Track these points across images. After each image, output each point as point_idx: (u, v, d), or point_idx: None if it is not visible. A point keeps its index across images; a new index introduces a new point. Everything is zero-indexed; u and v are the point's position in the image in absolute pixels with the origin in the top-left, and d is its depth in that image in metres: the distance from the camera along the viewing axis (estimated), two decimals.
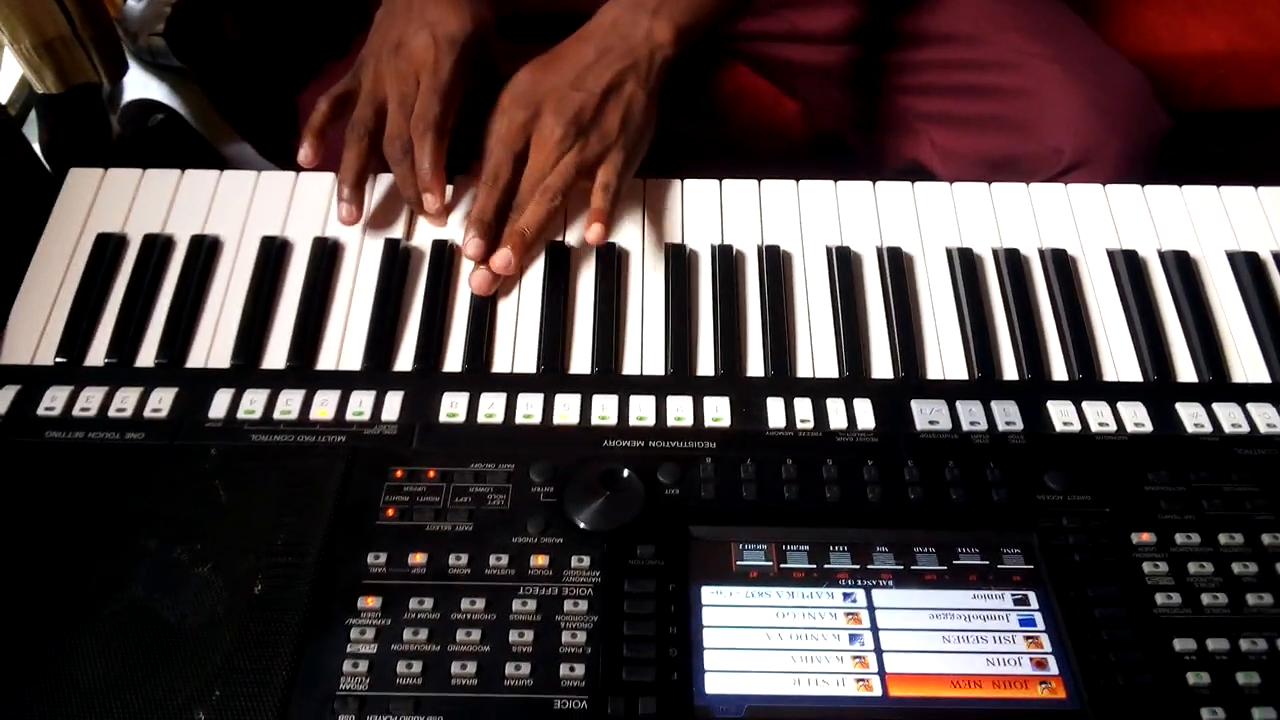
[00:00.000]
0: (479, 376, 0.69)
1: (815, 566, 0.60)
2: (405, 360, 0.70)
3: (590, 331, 0.71)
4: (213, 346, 0.70)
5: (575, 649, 0.55)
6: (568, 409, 0.66)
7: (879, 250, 0.76)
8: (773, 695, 0.55)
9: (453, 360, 0.70)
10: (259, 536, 0.59)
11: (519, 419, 0.66)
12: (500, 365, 0.70)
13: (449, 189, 0.76)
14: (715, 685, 0.55)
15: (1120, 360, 0.71)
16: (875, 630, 0.57)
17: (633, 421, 0.66)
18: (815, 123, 1.15)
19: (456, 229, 0.77)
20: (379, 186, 0.79)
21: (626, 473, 0.62)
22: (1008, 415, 0.67)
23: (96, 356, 0.70)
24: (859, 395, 0.68)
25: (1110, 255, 0.76)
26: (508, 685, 0.54)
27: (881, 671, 0.56)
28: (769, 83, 1.12)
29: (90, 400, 0.66)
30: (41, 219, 0.77)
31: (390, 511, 0.61)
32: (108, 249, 0.74)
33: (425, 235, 0.76)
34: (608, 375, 0.69)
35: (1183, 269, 0.75)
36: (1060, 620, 0.57)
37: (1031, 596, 0.59)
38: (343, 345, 0.71)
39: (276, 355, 0.70)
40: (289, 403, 0.66)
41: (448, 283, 0.74)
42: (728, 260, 0.75)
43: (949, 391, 0.68)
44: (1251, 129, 1.26)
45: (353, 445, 0.64)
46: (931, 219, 0.78)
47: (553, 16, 0.87)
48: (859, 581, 0.59)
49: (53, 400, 0.66)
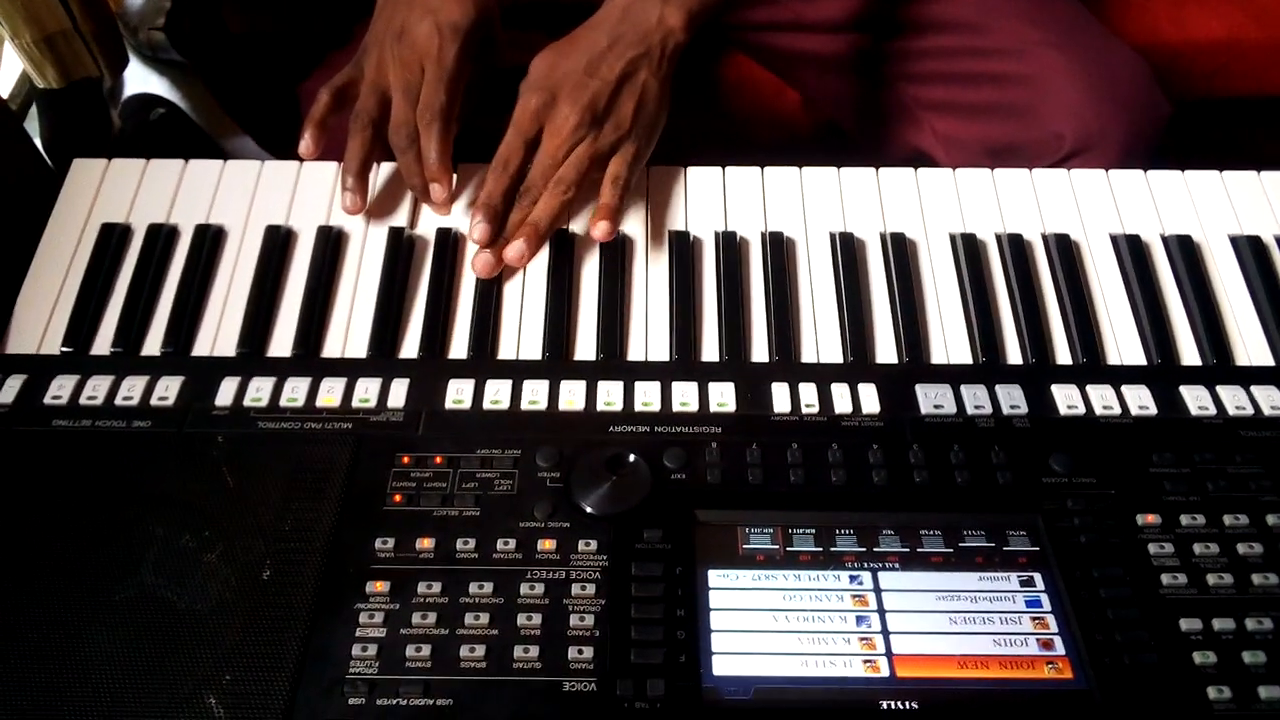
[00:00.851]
0: (484, 363, 0.69)
1: (821, 549, 0.60)
2: (410, 348, 0.70)
3: (595, 318, 0.72)
4: (218, 335, 0.70)
5: (583, 632, 0.56)
6: (573, 395, 0.67)
7: (882, 236, 0.76)
8: (780, 677, 0.55)
9: (458, 348, 0.70)
10: (267, 522, 0.59)
11: (525, 405, 0.66)
12: (505, 352, 0.70)
13: (453, 177, 0.76)
14: (723, 667, 0.55)
15: (1124, 344, 0.71)
16: (882, 612, 0.57)
17: (638, 407, 0.66)
18: (817, 112, 1.15)
19: (461, 217, 0.77)
20: (382, 175, 0.79)
21: (632, 458, 0.62)
22: (1012, 399, 0.67)
23: (102, 345, 0.70)
24: (864, 380, 0.68)
25: (1113, 240, 0.76)
26: (516, 668, 0.54)
27: (889, 652, 0.56)
28: (771, 73, 1.12)
29: (97, 389, 0.66)
30: (43, 212, 0.77)
31: (397, 497, 0.61)
32: (112, 239, 0.74)
33: (429, 224, 0.77)
34: (613, 361, 0.69)
35: (1186, 253, 0.75)
36: (1066, 601, 0.58)
37: (1037, 578, 0.59)
38: (348, 333, 0.71)
39: (282, 343, 0.70)
40: (295, 390, 0.66)
41: (452, 271, 0.74)
42: (731, 247, 0.75)
43: (953, 376, 0.68)
44: (1253, 117, 1.27)
45: (359, 432, 0.64)
46: (935, 205, 0.78)
47: (555, 5, 0.87)
48: (865, 564, 0.59)
49: (59, 389, 0.66)
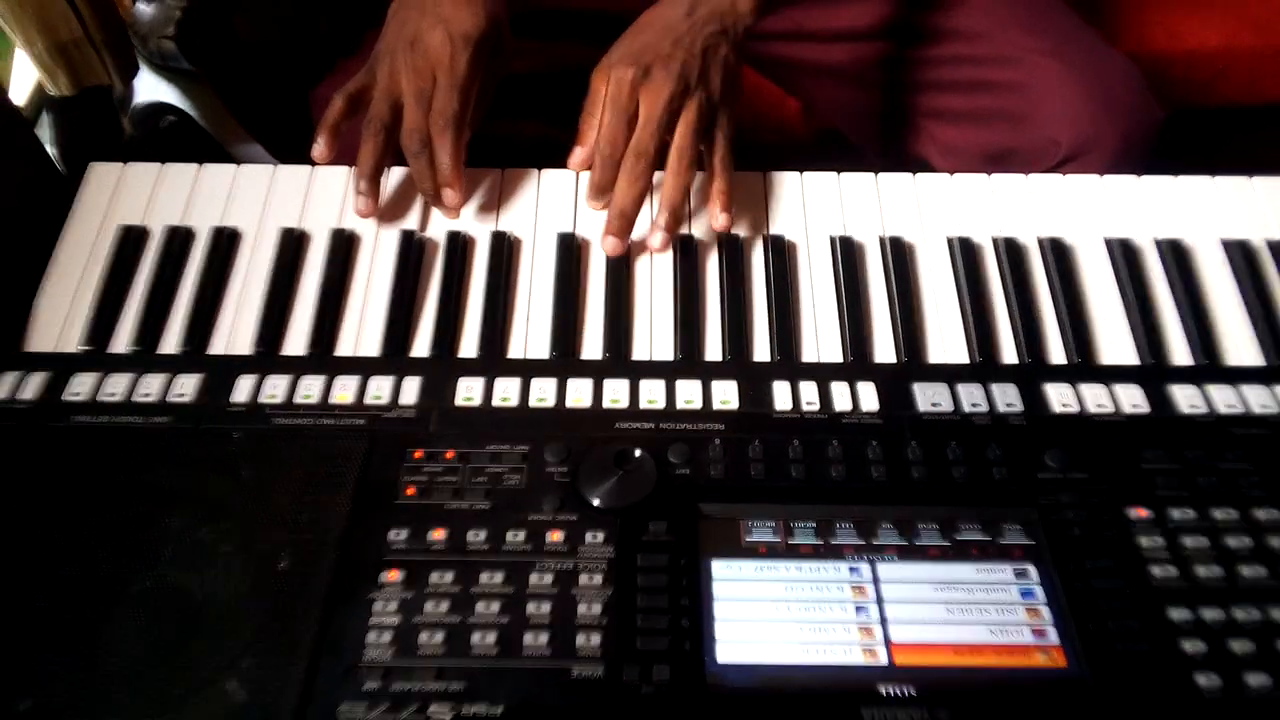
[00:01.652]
0: (494, 362, 0.71)
1: (822, 541, 0.62)
2: (422, 347, 0.72)
3: (601, 319, 0.73)
4: (234, 334, 0.72)
5: (591, 620, 0.57)
6: (580, 393, 0.68)
7: (881, 239, 0.78)
8: (782, 664, 0.56)
9: (468, 347, 0.72)
10: (283, 515, 0.61)
11: (533, 402, 0.68)
12: (514, 351, 0.72)
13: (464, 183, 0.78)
14: (726, 654, 0.57)
15: (1116, 344, 0.73)
16: (880, 602, 0.59)
17: (643, 404, 0.68)
18: (817, 120, 1.17)
19: (471, 221, 0.79)
20: (394, 180, 0.81)
21: (638, 453, 0.64)
22: (1007, 397, 0.69)
23: (121, 344, 0.72)
24: (863, 378, 0.70)
25: (1107, 243, 0.78)
26: (526, 654, 0.56)
27: (887, 640, 0.57)
28: (771, 81, 1.14)
29: (116, 386, 0.68)
30: (54, 217, 0.79)
31: (410, 490, 0.63)
32: (130, 240, 0.76)
33: (439, 226, 0.78)
34: (619, 361, 0.71)
35: (1177, 256, 0.77)
36: (1060, 591, 0.59)
37: (1032, 569, 0.61)
38: (360, 333, 0.73)
39: (296, 342, 0.72)
40: (310, 388, 0.68)
41: (462, 272, 0.76)
42: (734, 249, 0.77)
43: (950, 375, 0.70)
44: (1246, 125, 1.29)
45: (372, 428, 0.66)
46: (932, 209, 0.80)
47: (567, 14, 0.89)
48: (864, 555, 0.61)
49: (79, 386, 0.68)
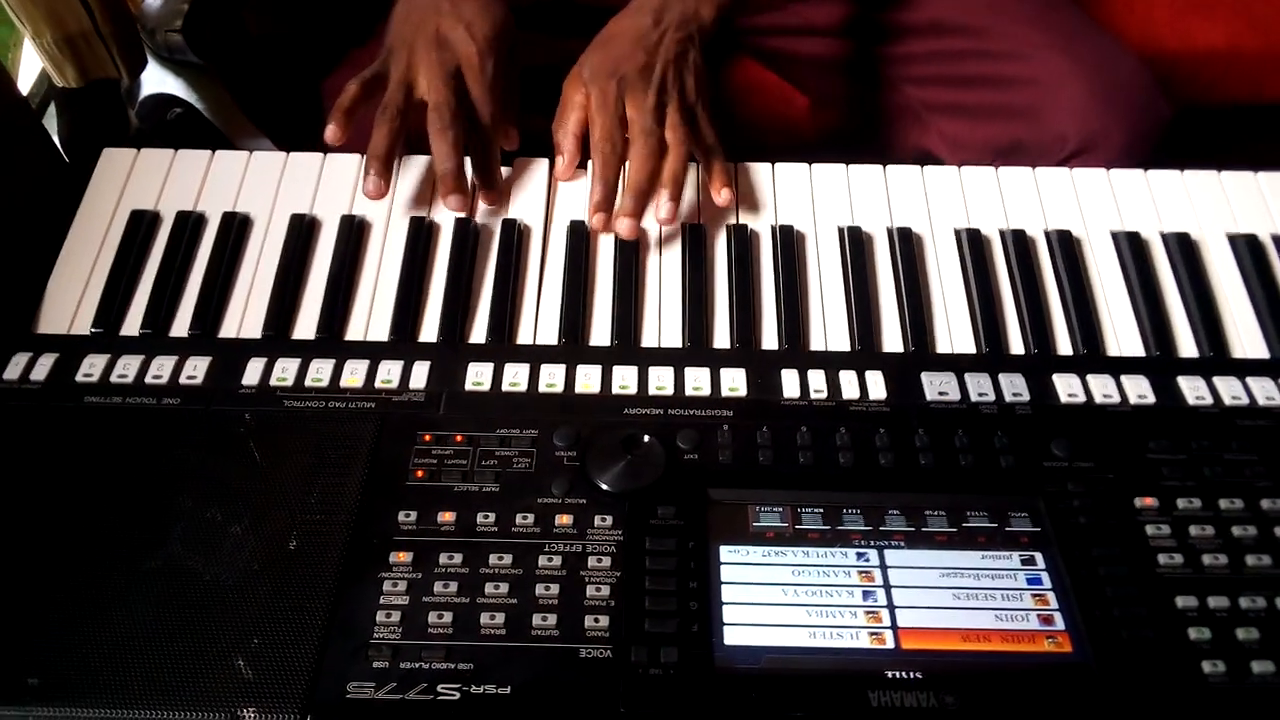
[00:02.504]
0: (503, 348, 0.71)
1: (829, 528, 0.62)
2: (431, 332, 0.72)
3: (610, 306, 0.74)
4: (244, 318, 0.73)
5: (599, 602, 0.57)
6: (589, 379, 0.69)
7: (889, 231, 0.78)
8: (789, 647, 0.57)
9: (477, 333, 0.72)
10: (293, 496, 0.61)
11: (542, 388, 0.68)
12: (523, 337, 0.72)
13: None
14: (734, 637, 0.57)
15: (1123, 336, 0.73)
16: (888, 587, 0.59)
17: (652, 391, 0.68)
18: (824, 115, 1.17)
19: (480, 208, 0.79)
20: (405, 167, 0.81)
21: (647, 438, 0.64)
22: (1015, 387, 0.69)
23: (131, 327, 0.72)
24: (871, 368, 0.70)
25: (1114, 236, 0.78)
26: (535, 635, 0.56)
27: (894, 625, 0.58)
28: (778, 77, 1.14)
29: (127, 368, 0.68)
30: (61, 207, 0.79)
31: (419, 473, 0.63)
32: (142, 225, 0.77)
33: (449, 214, 0.78)
34: (627, 347, 0.71)
35: (1184, 250, 0.77)
36: (1066, 579, 0.59)
37: (1038, 557, 0.61)
38: (370, 318, 0.73)
39: (306, 326, 0.72)
40: (320, 371, 0.68)
41: (471, 258, 0.76)
42: (743, 239, 0.77)
43: (958, 364, 0.71)
44: (1252, 124, 1.29)
45: (382, 411, 0.66)
46: (940, 201, 0.81)
47: (575, 8, 0.90)
48: (872, 542, 0.61)
49: (91, 367, 0.68)
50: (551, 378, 0.69)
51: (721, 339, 0.73)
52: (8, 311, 0.72)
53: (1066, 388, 0.69)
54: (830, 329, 0.73)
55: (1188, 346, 0.73)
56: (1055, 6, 0.94)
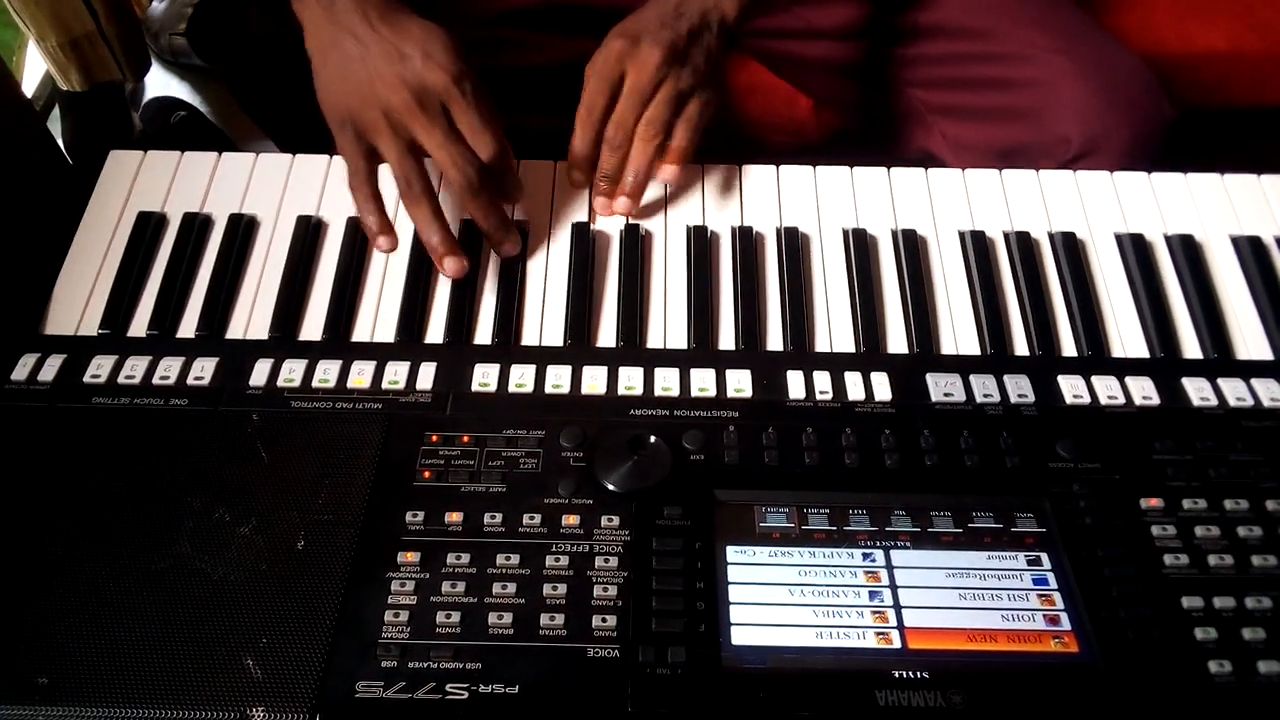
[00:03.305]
0: (509, 349, 0.71)
1: (835, 528, 0.62)
2: (436, 334, 0.72)
3: (615, 307, 0.74)
4: (251, 319, 0.73)
5: (606, 602, 0.58)
6: (595, 380, 0.69)
7: (894, 233, 0.79)
8: (796, 647, 0.57)
9: (483, 334, 0.73)
10: (301, 496, 0.62)
11: (548, 389, 0.68)
12: (529, 339, 0.72)
13: None
14: (741, 637, 0.57)
15: (1128, 338, 0.73)
16: (894, 588, 0.60)
17: (658, 392, 0.68)
18: (828, 118, 1.17)
19: None
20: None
21: (653, 438, 0.65)
22: (1020, 388, 0.69)
23: (139, 328, 0.72)
24: (876, 369, 0.70)
25: (1118, 238, 0.79)
26: (543, 635, 0.56)
27: (900, 626, 0.58)
28: (783, 79, 1.14)
29: (135, 369, 0.68)
30: (65, 210, 0.79)
31: (427, 474, 0.63)
32: (148, 226, 0.77)
33: (453, 217, 0.79)
34: (633, 348, 0.72)
35: (1188, 251, 0.77)
36: (1072, 579, 0.60)
37: (1044, 557, 0.61)
38: (376, 319, 0.73)
39: (313, 328, 0.72)
40: (327, 372, 0.68)
41: (477, 261, 0.76)
42: (748, 241, 0.77)
43: (963, 366, 0.71)
44: (1252, 127, 1.29)
45: (389, 412, 0.66)
46: (945, 204, 0.81)
47: (584, 10, 0.90)
48: (878, 542, 0.61)
49: (98, 368, 0.68)
50: (557, 379, 0.69)
51: (727, 340, 0.73)
52: (15, 313, 0.73)
53: (1071, 389, 0.69)
54: (835, 330, 0.73)
55: (1192, 348, 0.73)
56: (1058, 9, 0.95)
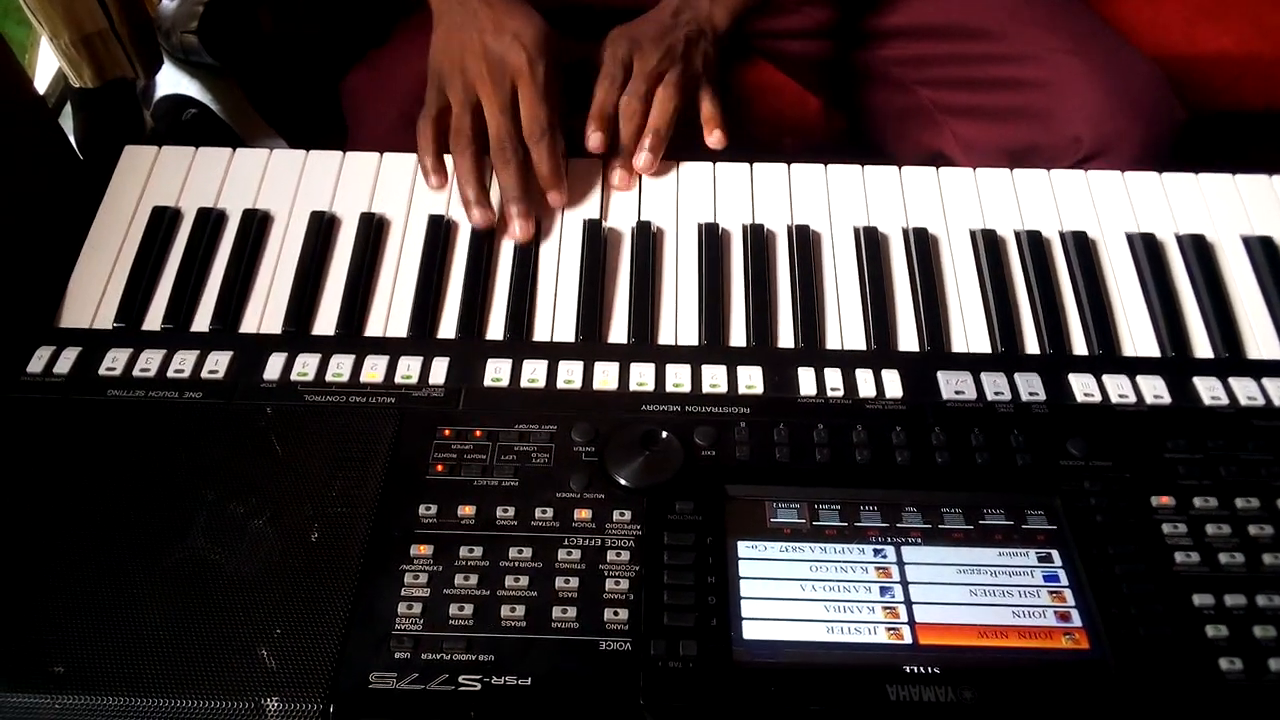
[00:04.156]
0: (521, 344, 0.72)
1: (846, 524, 0.62)
2: (449, 329, 0.73)
3: (627, 304, 0.74)
4: (265, 314, 0.73)
5: (619, 595, 0.58)
6: (607, 375, 0.69)
7: (905, 231, 0.79)
8: (807, 641, 0.57)
9: (495, 329, 0.73)
10: (315, 489, 0.62)
11: (560, 384, 0.69)
12: (540, 335, 0.73)
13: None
14: (752, 631, 0.57)
15: (1139, 337, 0.74)
16: (905, 583, 0.60)
17: (669, 388, 0.69)
18: (838, 118, 1.17)
19: (497, 208, 0.79)
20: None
21: (665, 434, 0.65)
22: (1031, 386, 0.69)
23: (153, 322, 0.72)
24: (887, 366, 0.70)
25: (1129, 238, 0.79)
26: (555, 627, 0.56)
27: (911, 621, 0.58)
28: (792, 79, 1.14)
29: (150, 361, 0.69)
30: (77, 206, 0.80)
31: (439, 467, 0.63)
32: (163, 221, 0.77)
33: (462, 211, 0.79)
34: (644, 344, 0.72)
35: (1199, 251, 0.78)
36: (1083, 576, 0.60)
37: (1055, 554, 0.61)
38: (389, 314, 0.73)
39: (326, 322, 0.73)
40: (340, 366, 0.69)
41: (489, 256, 0.77)
42: (759, 239, 0.78)
43: (973, 364, 0.71)
44: (1264, 130, 1.29)
45: (402, 406, 0.67)
46: (955, 202, 0.81)
47: (588, 11, 0.90)
48: (889, 538, 0.62)
49: (113, 361, 0.69)
50: (569, 374, 0.69)
51: (738, 337, 0.73)
52: (30, 306, 0.73)
53: (1082, 387, 0.69)
54: (846, 328, 0.74)
55: (1203, 347, 0.73)
56: (1069, 10, 0.95)
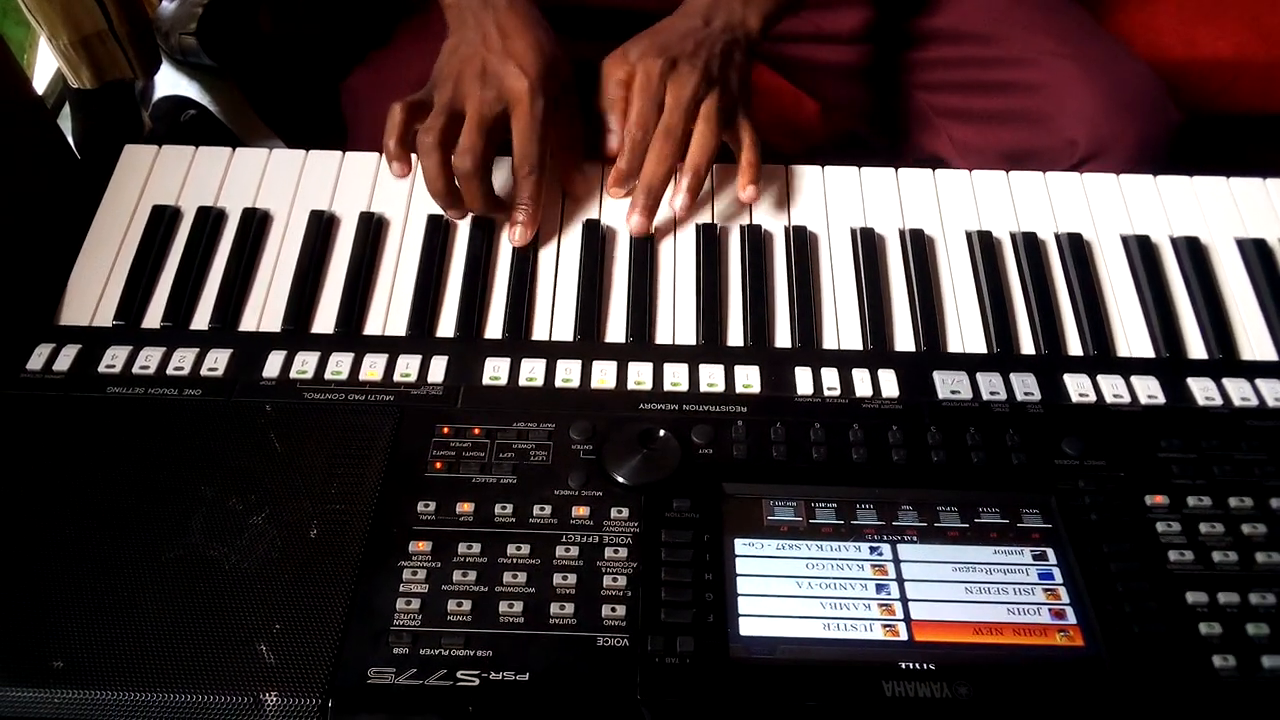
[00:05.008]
0: (519, 343, 0.72)
1: (843, 522, 0.62)
2: (448, 327, 0.73)
3: (625, 303, 0.75)
4: (264, 312, 0.73)
5: (616, 592, 0.58)
6: (605, 374, 0.70)
7: (901, 232, 0.79)
8: (804, 638, 0.57)
9: (493, 328, 0.73)
10: (314, 486, 0.62)
11: (559, 383, 0.69)
12: (539, 334, 0.73)
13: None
14: (749, 628, 0.57)
15: (1133, 338, 0.74)
16: (901, 581, 0.60)
17: (667, 387, 0.69)
18: (835, 121, 1.18)
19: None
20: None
21: (662, 432, 0.65)
22: (1026, 386, 0.70)
23: (153, 319, 0.73)
24: (883, 366, 0.71)
25: (1124, 240, 0.79)
26: (553, 623, 0.57)
27: (907, 618, 0.58)
28: (789, 82, 1.15)
29: (149, 359, 0.69)
30: (74, 207, 0.80)
31: (438, 465, 0.64)
32: (163, 220, 0.78)
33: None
34: (642, 344, 0.72)
35: (1194, 253, 0.78)
36: (1077, 574, 0.60)
37: (1050, 553, 0.61)
38: (388, 313, 0.74)
39: (325, 321, 0.73)
40: (339, 364, 0.69)
41: (488, 256, 0.77)
42: (757, 239, 0.78)
43: (969, 364, 0.71)
44: (1259, 133, 1.30)
45: (401, 404, 0.67)
46: (952, 204, 0.81)
47: (591, 11, 0.91)
48: (885, 536, 0.62)
49: (113, 358, 0.69)
50: (568, 373, 0.69)
51: (735, 337, 0.73)
52: (29, 304, 0.73)
53: (1077, 387, 0.70)
54: (843, 328, 0.74)
55: (1197, 348, 0.74)
56: (1065, 13, 0.95)
